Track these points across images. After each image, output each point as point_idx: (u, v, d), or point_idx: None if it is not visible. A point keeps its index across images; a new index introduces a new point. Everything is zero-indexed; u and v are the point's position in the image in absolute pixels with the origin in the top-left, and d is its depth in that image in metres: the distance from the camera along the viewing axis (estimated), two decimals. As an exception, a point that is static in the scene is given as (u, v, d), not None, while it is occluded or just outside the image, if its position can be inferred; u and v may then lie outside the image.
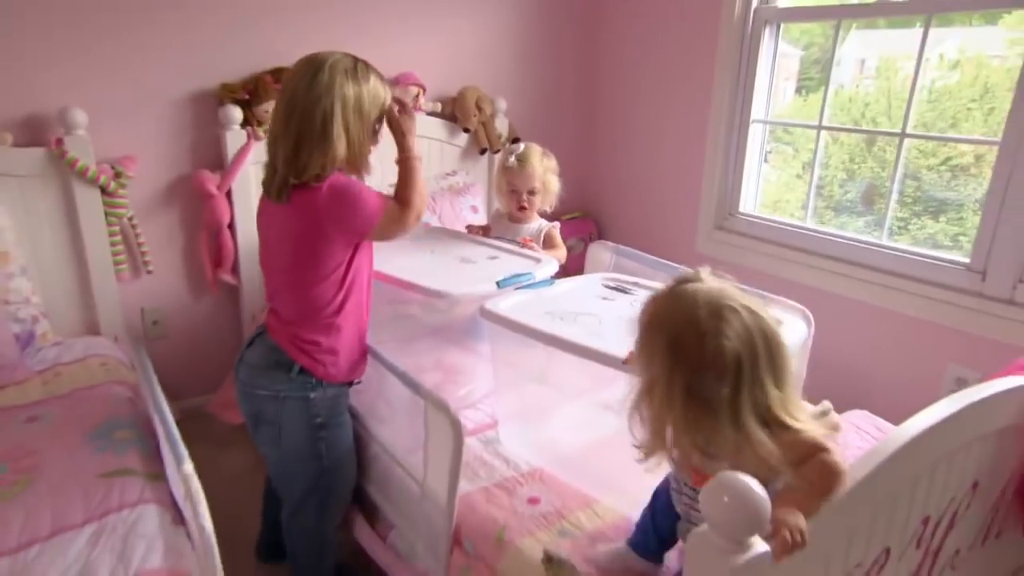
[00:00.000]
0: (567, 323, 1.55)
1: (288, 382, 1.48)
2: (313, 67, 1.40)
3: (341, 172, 1.45)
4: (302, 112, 1.38)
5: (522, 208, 2.18)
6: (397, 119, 1.52)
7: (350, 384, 1.60)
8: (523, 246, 2.11)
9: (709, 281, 1.02)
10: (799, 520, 0.88)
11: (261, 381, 1.51)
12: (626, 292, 1.78)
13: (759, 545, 0.83)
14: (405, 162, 1.54)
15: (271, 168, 1.44)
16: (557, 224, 2.26)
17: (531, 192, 2.16)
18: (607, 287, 1.82)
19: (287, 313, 1.50)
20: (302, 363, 1.48)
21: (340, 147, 1.40)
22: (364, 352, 1.61)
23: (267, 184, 1.46)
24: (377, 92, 1.46)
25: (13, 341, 1.89)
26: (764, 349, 0.96)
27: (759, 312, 0.98)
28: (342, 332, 1.51)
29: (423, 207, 1.54)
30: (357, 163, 1.47)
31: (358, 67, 1.44)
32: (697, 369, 0.96)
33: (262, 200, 1.51)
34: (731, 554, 0.82)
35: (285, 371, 1.48)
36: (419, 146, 1.58)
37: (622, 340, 1.46)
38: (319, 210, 1.40)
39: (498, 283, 1.73)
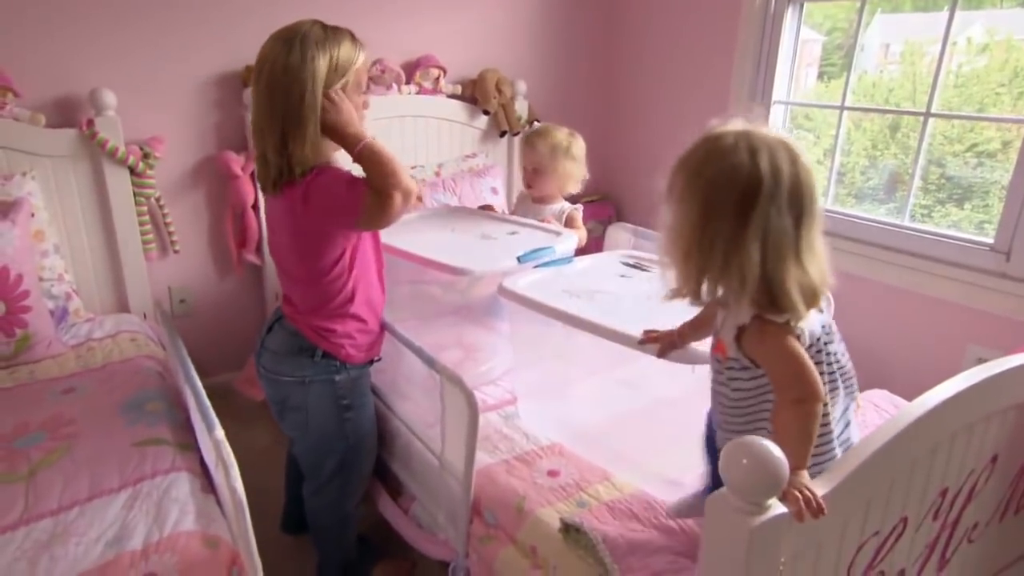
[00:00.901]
0: (584, 301, 1.57)
1: (312, 367, 1.49)
2: (286, 44, 1.35)
3: (328, 163, 1.40)
4: (282, 95, 1.33)
5: (528, 186, 2.20)
6: (327, 120, 1.37)
7: (371, 363, 1.62)
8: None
9: (739, 124, 1.05)
10: (803, 479, 0.91)
11: (285, 367, 1.51)
12: (644, 270, 1.80)
13: (777, 507, 0.85)
14: (359, 154, 1.38)
15: (261, 159, 1.40)
16: (580, 207, 2.27)
17: (535, 171, 2.16)
18: (625, 264, 1.83)
19: (300, 303, 1.50)
20: (324, 347, 1.49)
21: (314, 123, 1.35)
22: (381, 330, 1.62)
23: (261, 178, 1.42)
24: (348, 56, 1.39)
25: (48, 316, 1.95)
26: (791, 182, 0.99)
27: (793, 148, 1.01)
28: (356, 318, 1.51)
29: (402, 188, 1.36)
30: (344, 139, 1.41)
31: (327, 34, 1.38)
32: (736, 206, 0.98)
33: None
34: (750, 515, 0.84)
35: (308, 356, 1.49)
36: (367, 127, 1.44)
37: (639, 318, 1.48)
38: (304, 206, 1.36)
39: (519, 258, 1.75)
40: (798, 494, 0.88)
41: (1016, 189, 1.89)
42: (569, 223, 2.21)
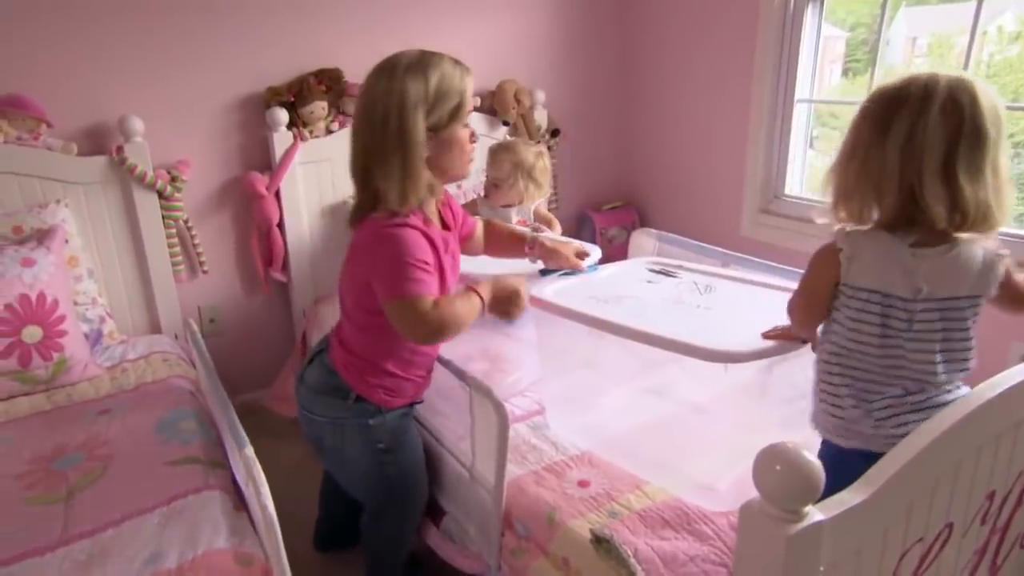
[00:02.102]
0: (612, 306, 1.56)
1: (346, 409, 1.44)
2: (380, 72, 1.31)
3: (407, 215, 1.32)
4: (368, 125, 1.29)
5: (486, 196, 2.25)
6: (512, 311, 1.44)
7: (411, 406, 1.55)
8: (534, 229, 2.13)
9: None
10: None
11: (318, 407, 1.48)
12: (671, 275, 1.77)
13: (815, 514, 0.83)
14: (473, 294, 1.39)
15: (355, 195, 1.38)
16: (541, 201, 2.30)
17: (494, 185, 2.19)
18: (652, 271, 1.81)
19: (349, 340, 1.44)
20: (359, 391, 1.43)
21: (407, 155, 1.28)
22: (430, 375, 1.56)
23: (351, 212, 1.40)
24: (448, 82, 1.31)
25: (83, 340, 1.99)
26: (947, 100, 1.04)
27: (970, 79, 1.05)
28: (389, 373, 1.44)
29: (441, 339, 1.35)
30: (439, 169, 1.36)
31: (422, 57, 1.31)
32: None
33: None
34: (785, 523, 0.81)
35: (341, 398, 1.44)
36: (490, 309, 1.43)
37: (668, 321, 1.46)
38: (365, 254, 1.33)
39: (542, 272, 1.74)
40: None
41: (1054, 179, 1.83)
42: (540, 218, 2.24)
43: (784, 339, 1.30)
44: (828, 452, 1.20)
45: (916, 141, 1.04)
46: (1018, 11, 2.35)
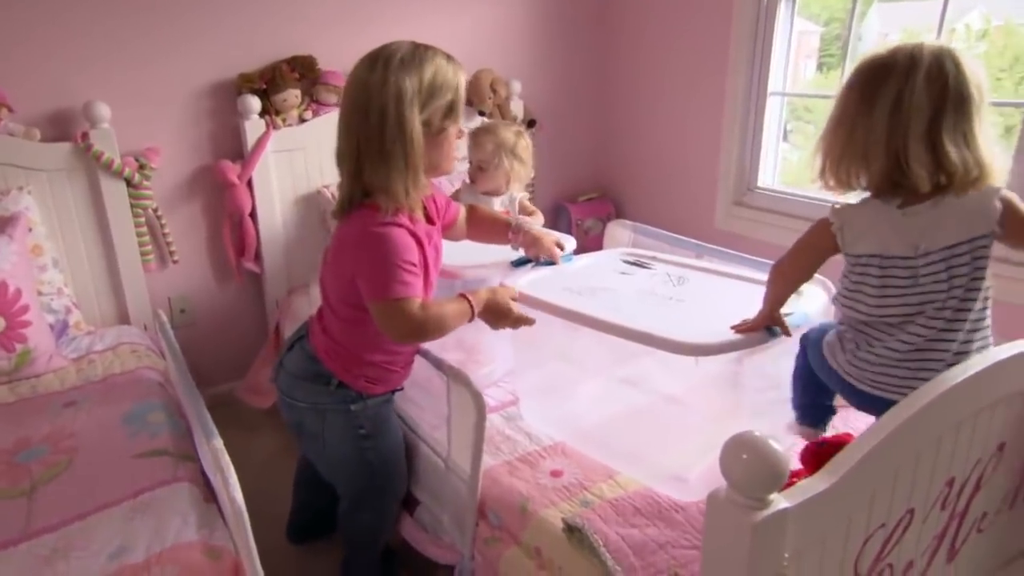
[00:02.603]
0: (586, 298, 1.56)
1: (328, 395, 1.44)
2: (370, 62, 1.28)
3: (397, 212, 1.30)
4: (360, 117, 1.26)
5: (472, 181, 2.22)
6: (509, 315, 1.46)
7: (392, 392, 1.55)
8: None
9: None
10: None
11: (299, 393, 1.47)
12: (645, 267, 1.79)
13: (779, 502, 0.84)
14: (463, 300, 1.40)
15: (341, 186, 1.36)
16: (526, 193, 2.29)
17: (479, 167, 2.16)
18: (626, 262, 1.82)
19: (332, 330, 1.43)
20: (341, 377, 1.43)
21: (408, 152, 1.26)
22: (411, 363, 1.55)
23: (336, 203, 1.38)
24: (443, 78, 1.29)
25: (48, 331, 1.95)
26: (932, 68, 1.09)
27: (951, 49, 1.10)
28: (373, 364, 1.44)
29: (425, 339, 1.38)
30: (427, 165, 1.32)
31: (417, 51, 1.28)
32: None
33: None
34: (751, 511, 0.83)
35: (324, 383, 1.43)
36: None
37: (640, 313, 1.47)
38: (352, 250, 1.32)
39: (513, 263, 1.74)
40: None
41: (1017, 174, 1.87)
42: (523, 210, 2.22)
43: (752, 331, 1.32)
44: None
45: (903, 107, 1.08)
46: (984, 9, 2.40)
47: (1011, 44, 2.35)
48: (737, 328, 1.33)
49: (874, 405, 1.23)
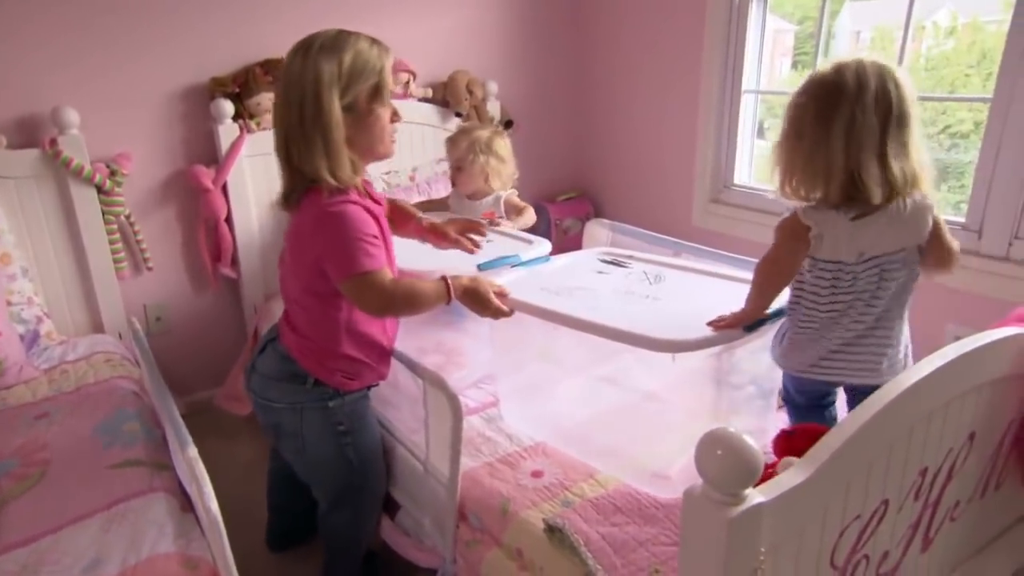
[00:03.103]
0: (563, 298, 1.56)
1: (305, 393, 1.44)
2: (295, 51, 1.31)
3: (346, 191, 1.32)
4: (284, 105, 1.30)
5: (454, 184, 2.26)
6: (483, 307, 1.44)
7: (368, 388, 1.55)
8: (490, 222, 2.13)
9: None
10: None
11: (274, 393, 1.46)
12: (622, 266, 1.79)
13: (754, 497, 0.85)
14: (443, 281, 1.40)
15: (282, 177, 1.37)
16: (513, 191, 2.30)
17: (457, 168, 2.20)
18: (603, 262, 1.83)
19: (296, 324, 1.44)
20: (317, 375, 1.43)
21: (327, 135, 1.28)
22: (383, 359, 1.53)
23: (280, 195, 1.39)
24: (363, 61, 1.30)
25: (18, 341, 1.91)
26: (878, 90, 1.19)
27: (887, 66, 1.20)
28: (347, 357, 1.44)
29: (402, 312, 1.41)
30: (360, 148, 1.35)
31: (338, 37, 1.31)
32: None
33: None
34: (727, 506, 0.83)
35: (300, 383, 1.43)
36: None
37: (617, 312, 1.47)
38: (310, 237, 1.32)
39: (479, 266, 1.73)
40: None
41: (983, 169, 1.91)
42: (511, 208, 2.23)
43: (729, 328, 1.33)
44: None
45: (856, 129, 1.18)
46: (952, 7, 2.44)
47: (978, 41, 2.39)
48: (716, 325, 1.34)
49: (828, 393, 1.44)
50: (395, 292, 1.33)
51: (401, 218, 1.70)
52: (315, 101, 1.27)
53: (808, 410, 1.47)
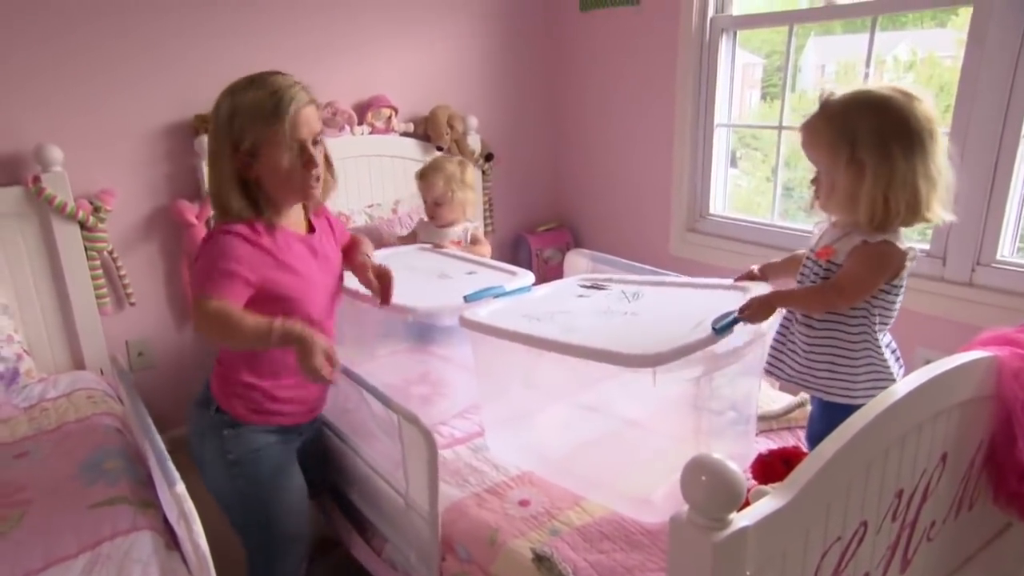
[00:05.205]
0: (544, 323, 1.59)
1: (208, 419, 1.45)
2: (225, 90, 1.37)
3: (232, 222, 1.36)
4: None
5: (431, 217, 2.34)
6: (304, 358, 1.24)
7: (282, 432, 1.51)
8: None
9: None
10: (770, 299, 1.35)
11: (190, 420, 1.50)
12: (601, 288, 1.83)
13: (739, 521, 0.87)
14: (273, 318, 1.27)
15: None
16: (478, 224, 2.42)
17: (435, 203, 2.29)
18: (583, 286, 1.86)
19: (217, 350, 1.47)
20: (220, 403, 1.44)
21: (215, 171, 1.36)
22: (305, 402, 1.53)
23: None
24: (261, 106, 1.31)
25: (-3, 380, 1.89)
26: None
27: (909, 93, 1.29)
28: (248, 386, 1.43)
29: (215, 338, 1.29)
30: (269, 189, 1.37)
31: (253, 79, 1.35)
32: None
33: None
34: (712, 531, 0.85)
35: (206, 407, 1.46)
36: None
37: (596, 330, 1.50)
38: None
39: (465, 297, 1.76)
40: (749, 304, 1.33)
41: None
42: (475, 241, 2.32)
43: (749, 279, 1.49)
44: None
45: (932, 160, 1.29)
46: (911, 43, 2.56)
47: (935, 75, 2.51)
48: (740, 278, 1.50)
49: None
50: (203, 315, 1.27)
51: (347, 252, 1.68)
52: (212, 139, 1.37)
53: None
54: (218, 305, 1.27)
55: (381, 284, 1.60)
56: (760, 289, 1.56)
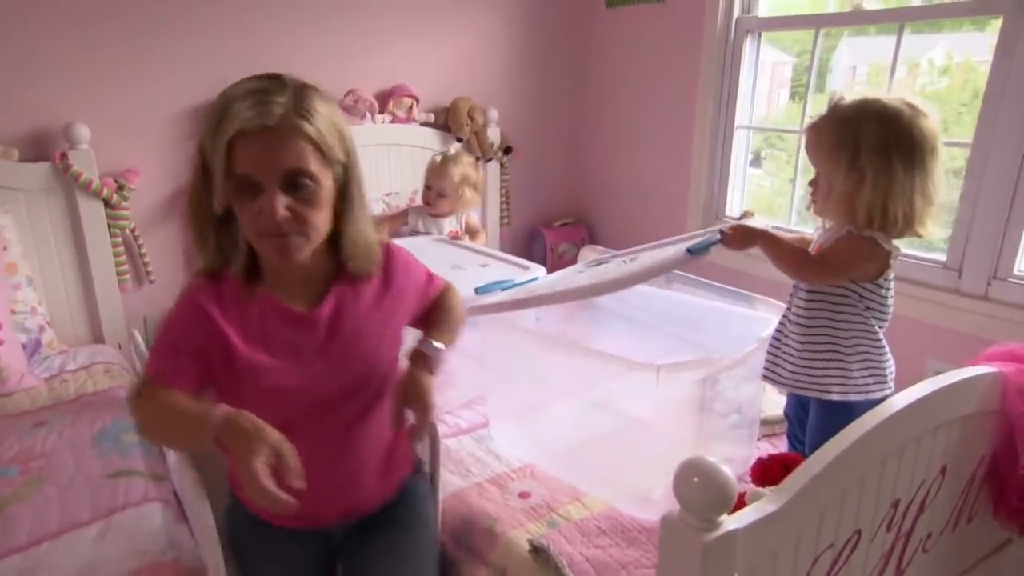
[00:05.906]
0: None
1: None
2: None
3: (202, 275, 1.13)
4: None
5: (427, 204, 2.37)
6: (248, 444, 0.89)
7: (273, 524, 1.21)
8: (453, 237, 2.29)
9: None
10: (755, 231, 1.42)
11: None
12: (604, 263, 1.84)
13: (729, 523, 0.89)
14: (216, 407, 0.95)
15: None
16: (475, 212, 2.48)
17: (439, 195, 2.31)
18: (587, 266, 1.88)
19: None
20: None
21: (188, 210, 1.09)
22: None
23: None
24: (207, 117, 1.02)
25: (20, 350, 1.94)
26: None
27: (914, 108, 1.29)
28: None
29: (143, 429, 1.07)
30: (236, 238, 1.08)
31: (219, 97, 1.03)
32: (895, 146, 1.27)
33: None
34: (702, 532, 0.87)
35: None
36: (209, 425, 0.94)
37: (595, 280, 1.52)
38: None
39: (477, 290, 1.78)
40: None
41: (965, 209, 1.97)
42: (471, 229, 2.35)
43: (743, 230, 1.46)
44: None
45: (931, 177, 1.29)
46: (947, 46, 2.51)
47: (971, 80, 2.46)
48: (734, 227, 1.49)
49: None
50: (134, 402, 1.03)
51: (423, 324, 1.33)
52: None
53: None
54: (147, 389, 1.03)
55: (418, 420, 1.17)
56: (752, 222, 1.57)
